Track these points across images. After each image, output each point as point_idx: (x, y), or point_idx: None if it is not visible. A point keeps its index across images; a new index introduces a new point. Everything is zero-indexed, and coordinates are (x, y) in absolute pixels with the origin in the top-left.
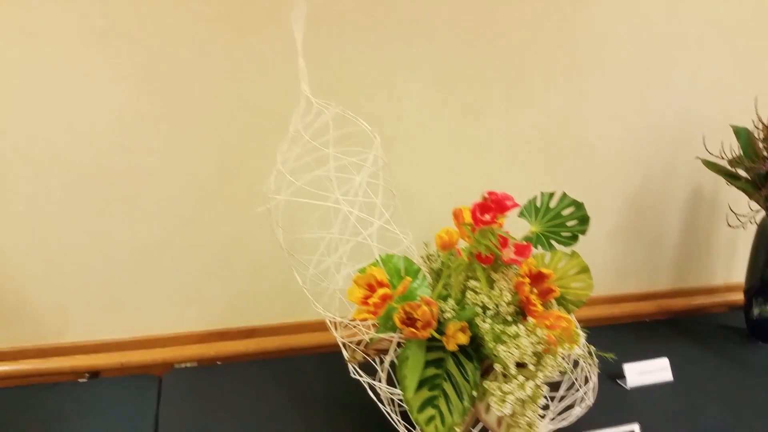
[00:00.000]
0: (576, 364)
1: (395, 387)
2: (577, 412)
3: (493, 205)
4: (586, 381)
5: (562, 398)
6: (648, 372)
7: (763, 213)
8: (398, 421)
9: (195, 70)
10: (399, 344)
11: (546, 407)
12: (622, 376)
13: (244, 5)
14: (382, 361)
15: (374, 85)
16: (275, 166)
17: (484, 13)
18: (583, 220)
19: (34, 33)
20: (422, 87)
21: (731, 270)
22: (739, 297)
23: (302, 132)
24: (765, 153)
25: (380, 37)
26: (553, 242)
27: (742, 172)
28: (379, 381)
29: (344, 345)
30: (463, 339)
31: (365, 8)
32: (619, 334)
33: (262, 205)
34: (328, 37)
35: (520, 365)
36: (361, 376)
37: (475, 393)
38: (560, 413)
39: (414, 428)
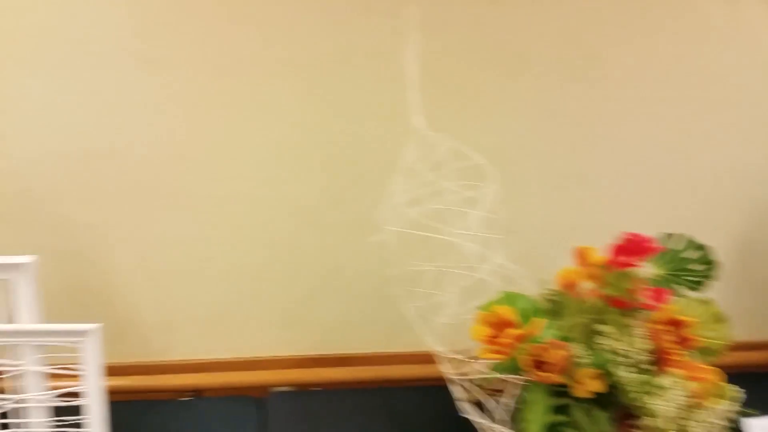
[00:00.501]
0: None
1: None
2: None
3: (633, 247)
4: None
5: None
6: None
7: None
8: None
9: (305, 101)
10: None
11: None
12: None
13: (353, 39)
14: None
15: (479, 118)
16: (389, 198)
17: (588, 49)
18: (710, 264)
19: (154, 60)
20: (525, 121)
21: None
22: None
23: (415, 165)
24: None
25: (487, 72)
26: (678, 286)
27: None
28: (492, 421)
29: (455, 381)
30: (598, 387)
31: (471, 43)
32: None
33: (365, 235)
34: (434, 72)
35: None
36: (472, 415)
37: None
38: None
39: None
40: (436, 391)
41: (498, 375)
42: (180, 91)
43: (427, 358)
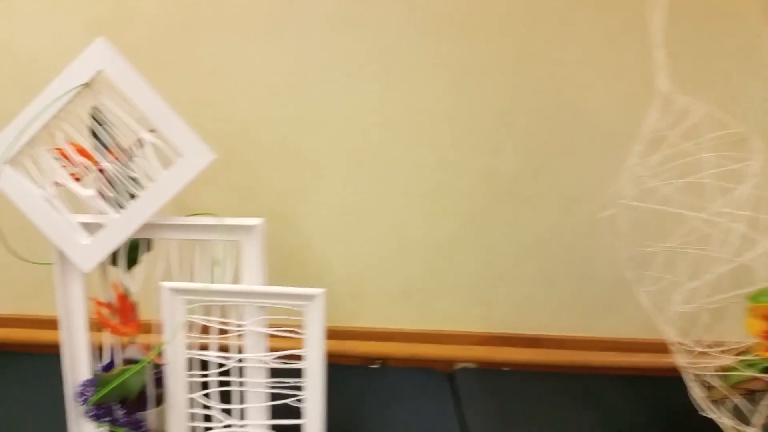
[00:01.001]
0: None
1: None
2: None
3: None
4: None
5: None
6: None
7: None
8: None
9: (514, 65)
10: None
11: None
12: None
13: None
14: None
15: (743, 80)
16: (629, 168)
17: None
18: None
19: (356, 22)
20: None
21: None
22: None
23: (662, 132)
24: None
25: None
26: None
27: None
28: (746, 425)
29: (693, 375)
30: None
31: None
32: None
33: (568, 209)
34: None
35: None
36: (716, 414)
37: None
38: None
39: None
40: (639, 381)
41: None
42: (379, 55)
43: (631, 346)
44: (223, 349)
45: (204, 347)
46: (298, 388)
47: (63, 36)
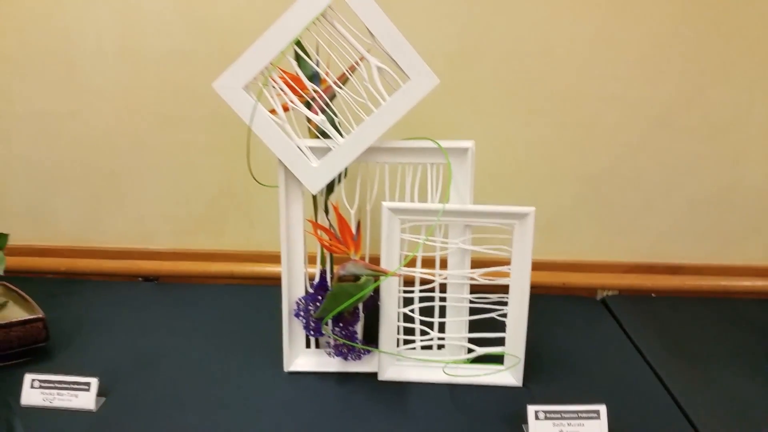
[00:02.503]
0: None
1: None
2: None
3: None
4: None
5: None
6: None
7: None
8: None
9: None
10: None
11: None
12: None
13: None
14: None
15: None
16: None
17: None
18: None
19: None
20: None
21: None
22: None
23: None
24: None
25: None
26: None
27: None
28: None
29: None
30: None
31: None
32: None
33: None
34: None
35: None
36: None
37: None
38: None
39: None
40: None
41: None
42: None
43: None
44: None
45: (411, 265)
46: (502, 304)
47: None
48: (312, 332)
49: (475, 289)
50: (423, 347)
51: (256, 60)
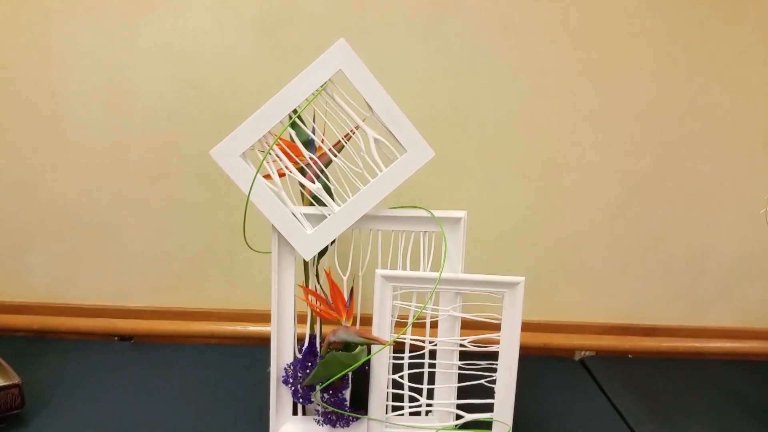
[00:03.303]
0: None
1: None
2: None
3: None
4: None
5: None
6: None
7: None
8: None
9: (654, 72)
10: None
11: None
12: None
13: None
14: None
15: None
16: None
17: None
18: None
19: (515, 29)
20: None
21: None
22: None
23: None
24: None
25: None
26: None
27: None
28: None
29: None
30: None
31: None
32: None
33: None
34: None
35: None
36: None
37: None
38: None
39: None
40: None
41: None
42: (531, 60)
43: (738, 334)
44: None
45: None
46: (491, 370)
47: (227, 33)
48: (300, 399)
49: (463, 354)
50: (411, 413)
51: (254, 129)
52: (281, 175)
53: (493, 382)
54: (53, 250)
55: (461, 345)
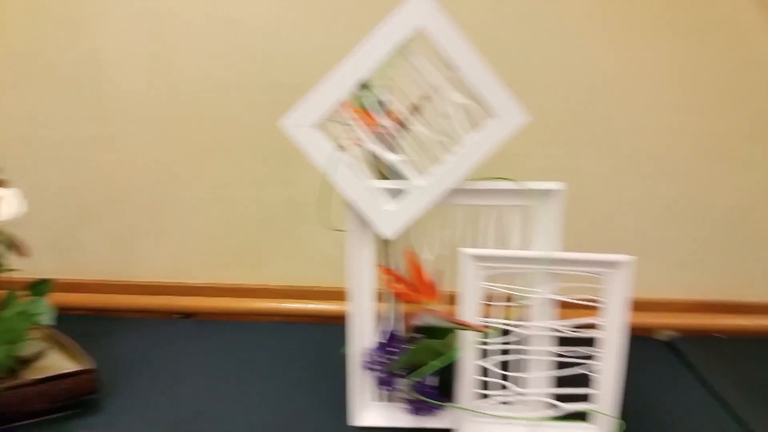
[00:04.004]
0: None
1: None
2: None
3: None
4: None
5: None
6: None
7: None
8: None
9: (752, 22)
10: None
11: None
12: None
13: None
14: None
15: None
16: None
17: None
18: None
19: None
20: None
21: None
22: None
23: None
24: None
25: None
26: None
27: None
28: None
29: None
30: None
31: None
32: None
33: None
34: None
35: None
36: None
37: None
38: None
39: None
40: None
41: None
42: (603, 15)
43: None
44: (506, 317)
45: (488, 315)
46: (589, 358)
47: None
48: (384, 386)
49: (566, 341)
50: (501, 402)
51: (327, 97)
52: (356, 145)
53: (593, 370)
54: (110, 226)
55: (557, 330)
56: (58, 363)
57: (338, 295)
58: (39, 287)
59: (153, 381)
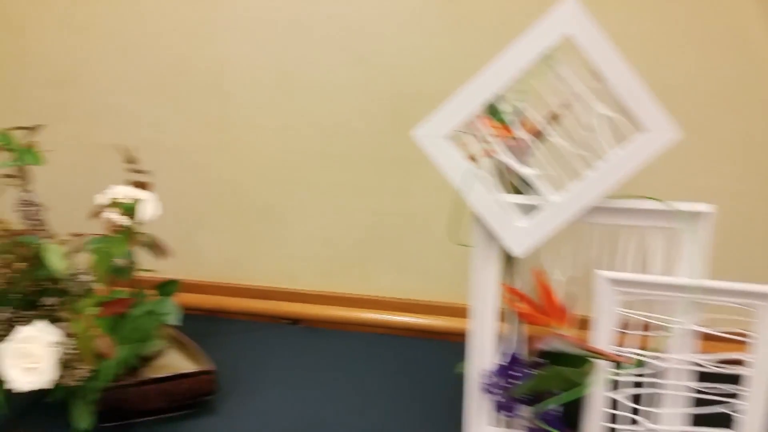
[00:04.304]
0: None
1: None
2: None
3: None
4: None
5: None
6: None
7: None
8: None
9: None
10: None
11: None
12: None
13: None
14: None
15: None
16: None
17: None
18: None
19: None
20: None
21: None
22: None
23: None
24: None
25: None
26: None
27: None
28: None
29: None
30: None
31: None
32: None
33: None
34: None
35: None
36: None
37: None
38: None
39: None
40: None
41: None
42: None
43: None
44: (641, 348)
45: (622, 344)
46: (733, 396)
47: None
48: (503, 411)
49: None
50: None
51: (463, 106)
52: (488, 156)
53: (737, 411)
54: (225, 230)
55: (698, 364)
56: (176, 362)
57: (446, 310)
58: (166, 287)
59: (265, 385)
